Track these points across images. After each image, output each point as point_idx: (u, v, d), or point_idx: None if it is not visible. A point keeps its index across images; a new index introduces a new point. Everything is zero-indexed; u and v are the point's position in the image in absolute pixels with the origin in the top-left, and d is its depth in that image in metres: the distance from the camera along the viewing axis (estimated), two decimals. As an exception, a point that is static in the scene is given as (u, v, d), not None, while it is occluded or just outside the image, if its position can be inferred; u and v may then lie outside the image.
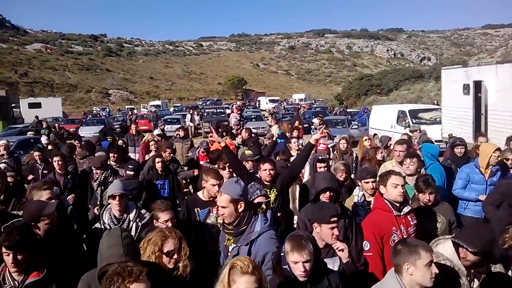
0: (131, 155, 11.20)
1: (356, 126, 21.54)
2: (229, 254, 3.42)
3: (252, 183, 4.29)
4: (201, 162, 9.00)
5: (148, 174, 7.13)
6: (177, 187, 7.10)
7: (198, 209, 4.67)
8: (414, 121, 16.20)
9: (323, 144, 5.50)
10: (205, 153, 9.00)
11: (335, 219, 3.35)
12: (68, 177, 6.97)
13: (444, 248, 3.16)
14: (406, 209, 3.89)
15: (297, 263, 2.70)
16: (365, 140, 8.76)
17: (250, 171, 5.64)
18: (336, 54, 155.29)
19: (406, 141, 7.30)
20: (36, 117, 28.44)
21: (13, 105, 29.57)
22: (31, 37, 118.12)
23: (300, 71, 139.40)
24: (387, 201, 3.89)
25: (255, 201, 3.85)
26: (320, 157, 5.77)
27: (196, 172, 8.67)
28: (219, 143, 5.13)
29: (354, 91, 53.33)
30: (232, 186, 3.40)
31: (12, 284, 2.76)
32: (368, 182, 4.80)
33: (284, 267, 2.80)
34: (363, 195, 4.86)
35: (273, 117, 24.97)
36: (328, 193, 4.03)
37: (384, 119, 18.36)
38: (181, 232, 3.99)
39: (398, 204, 3.86)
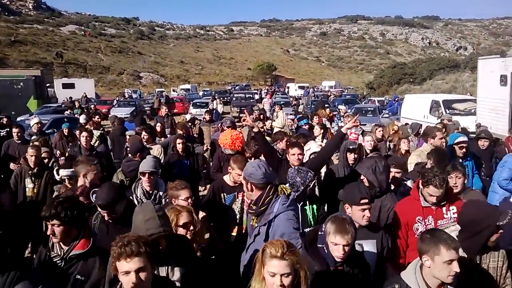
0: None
1: (387, 115, 21.13)
2: (252, 233, 3.50)
3: (297, 167, 4.27)
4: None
5: (170, 155, 7.26)
6: (197, 166, 7.18)
7: (225, 194, 4.72)
8: (447, 112, 15.76)
9: (355, 134, 5.38)
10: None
11: (366, 200, 3.35)
12: (93, 153, 7.22)
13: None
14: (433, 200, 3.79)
15: (338, 245, 2.72)
16: (394, 126, 8.79)
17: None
18: (369, 41, 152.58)
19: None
20: (70, 98, 29.42)
21: (47, 85, 30.23)
22: (65, 19, 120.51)
23: (331, 58, 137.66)
24: (421, 191, 3.88)
25: (311, 185, 4.00)
26: (351, 147, 5.67)
27: (205, 147, 9.18)
28: (253, 127, 5.11)
29: (386, 79, 52.37)
30: (248, 166, 3.56)
31: (59, 253, 2.91)
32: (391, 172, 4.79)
33: (320, 245, 2.84)
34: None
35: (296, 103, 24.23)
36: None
37: (416, 108, 17.92)
38: (206, 213, 4.13)
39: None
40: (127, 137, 8.49)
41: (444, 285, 2.61)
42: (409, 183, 4.91)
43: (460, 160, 5.78)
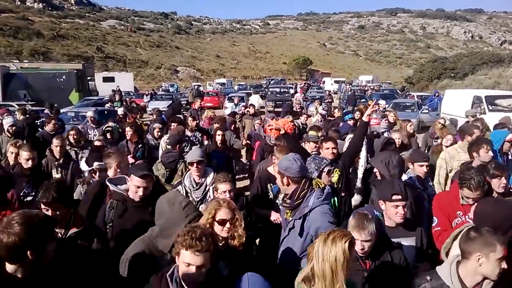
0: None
1: (426, 111, 20.56)
2: (287, 227, 3.51)
3: (313, 156, 4.31)
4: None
5: (206, 145, 7.61)
6: (232, 158, 7.55)
7: (271, 184, 4.77)
8: (490, 108, 15.19)
9: (375, 119, 5.27)
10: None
11: (399, 197, 3.30)
12: (139, 146, 7.40)
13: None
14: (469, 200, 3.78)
15: (356, 240, 2.76)
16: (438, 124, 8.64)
17: (312, 152, 5.60)
18: (409, 35, 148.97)
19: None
20: (113, 90, 30.38)
21: (88, 78, 31.23)
22: (105, 13, 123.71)
23: (368, 52, 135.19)
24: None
25: (325, 170, 4.04)
26: (374, 132, 5.61)
27: (244, 142, 9.49)
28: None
29: (426, 74, 50.83)
30: (282, 160, 3.56)
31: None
32: (422, 166, 4.68)
33: None
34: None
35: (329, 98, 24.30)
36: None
37: (457, 104, 17.35)
38: (254, 205, 4.09)
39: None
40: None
41: (479, 284, 2.53)
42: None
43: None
